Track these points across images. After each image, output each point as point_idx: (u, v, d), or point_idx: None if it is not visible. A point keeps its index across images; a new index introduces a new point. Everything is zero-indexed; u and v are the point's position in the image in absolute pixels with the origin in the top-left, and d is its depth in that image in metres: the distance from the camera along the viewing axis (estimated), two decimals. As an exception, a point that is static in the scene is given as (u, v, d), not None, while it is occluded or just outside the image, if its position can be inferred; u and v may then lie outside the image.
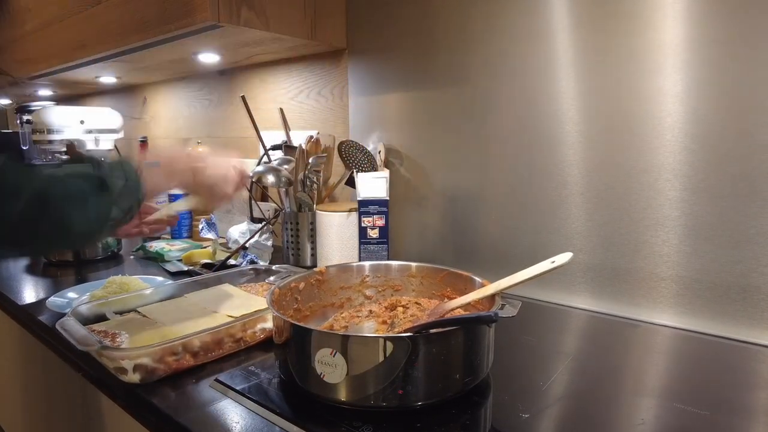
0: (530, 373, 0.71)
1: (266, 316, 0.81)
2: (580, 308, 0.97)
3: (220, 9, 1.04)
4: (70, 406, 0.91)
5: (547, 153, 0.99)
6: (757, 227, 0.79)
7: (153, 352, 0.68)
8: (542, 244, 1.01)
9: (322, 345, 0.58)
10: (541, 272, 0.60)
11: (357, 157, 1.19)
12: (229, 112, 1.79)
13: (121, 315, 0.87)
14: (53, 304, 1.00)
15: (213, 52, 1.44)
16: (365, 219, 1.08)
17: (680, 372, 0.73)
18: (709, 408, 0.61)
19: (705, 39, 0.80)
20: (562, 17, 0.94)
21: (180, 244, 1.43)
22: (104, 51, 1.40)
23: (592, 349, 0.82)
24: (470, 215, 1.12)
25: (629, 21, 0.86)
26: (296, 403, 0.62)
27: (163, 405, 0.63)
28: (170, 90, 2.07)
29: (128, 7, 1.26)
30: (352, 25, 1.30)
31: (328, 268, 0.86)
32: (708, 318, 0.84)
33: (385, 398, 0.57)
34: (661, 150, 0.86)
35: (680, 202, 0.85)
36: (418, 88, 1.18)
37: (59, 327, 0.74)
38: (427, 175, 1.19)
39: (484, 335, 0.63)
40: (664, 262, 0.87)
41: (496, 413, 0.62)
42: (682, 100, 0.83)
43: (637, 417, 0.60)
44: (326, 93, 1.42)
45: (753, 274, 0.80)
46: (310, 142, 1.30)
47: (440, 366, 0.59)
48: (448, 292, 0.82)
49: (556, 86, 0.96)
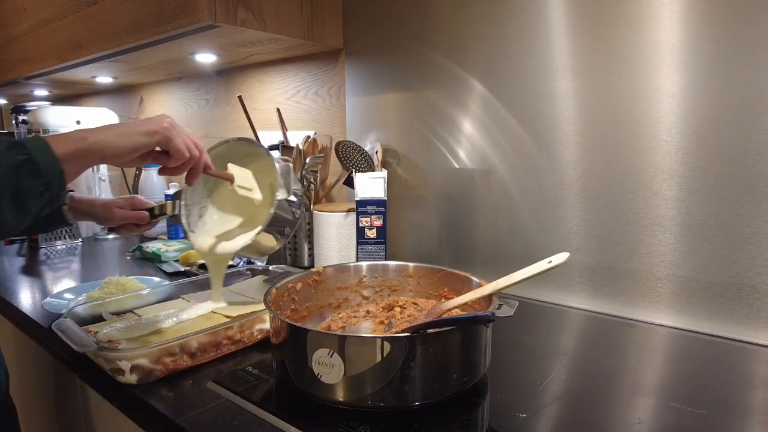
0: (527, 372, 0.71)
1: (263, 317, 0.81)
2: (577, 308, 0.97)
3: (216, 9, 1.04)
4: (67, 408, 0.90)
5: (545, 153, 0.99)
6: (753, 227, 0.79)
7: (150, 353, 0.68)
8: (539, 244, 1.01)
9: (320, 345, 0.58)
10: (538, 272, 0.60)
11: (354, 158, 1.19)
12: (226, 112, 1.79)
13: (118, 315, 0.87)
14: (49, 305, 1.00)
15: (210, 52, 1.44)
16: (363, 219, 1.08)
17: (677, 371, 0.74)
18: (706, 407, 0.61)
19: (701, 39, 0.80)
20: (559, 18, 0.94)
21: (177, 245, 1.43)
22: (100, 51, 1.40)
23: (589, 349, 0.82)
24: (467, 215, 1.12)
25: (626, 22, 0.87)
26: (293, 404, 0.62)
27: (160, 406, 0.63)
28: (167, 90, 2.06)
29: (124, 7, 1.26)
30: (349, 25, 1.30)
31: (326, 268, 0.86)
32: (704, 317, 0.85)
33: (383, 398, 0.57)
34: (658, 150, 0.86)
35: (677, 202, 0.85)
36: (416, 88, 1.18)
37: (56, 328, 0.74)
38: (425, 175, 1.19)
39: (481, 335, 0.63)
40: (661, 262, 0.88)
41: (493, 413, 0.62)
42: (679, 100, 0.83)
43: (633, 416, 0.60)
44: (323, 93, 1.42)
45: (749, 273, 0.80)
46: (308, 142, 1.30)
47: (438, 366, 0.59)
48: (446, 292, 0.82)
49: (553, 86, 0.96)
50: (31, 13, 1.68)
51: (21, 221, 0.57)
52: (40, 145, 0.57)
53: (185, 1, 1.07)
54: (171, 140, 0.67)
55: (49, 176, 0.57)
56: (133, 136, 0.65)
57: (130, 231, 0.96)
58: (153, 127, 0.66)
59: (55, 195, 0.59)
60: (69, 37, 1.50)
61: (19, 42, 1.81)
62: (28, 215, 0.58)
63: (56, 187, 0.58)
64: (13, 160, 0.55)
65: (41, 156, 0.56)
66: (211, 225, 0.89)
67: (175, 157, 0.69)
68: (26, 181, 0.55)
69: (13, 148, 0.55)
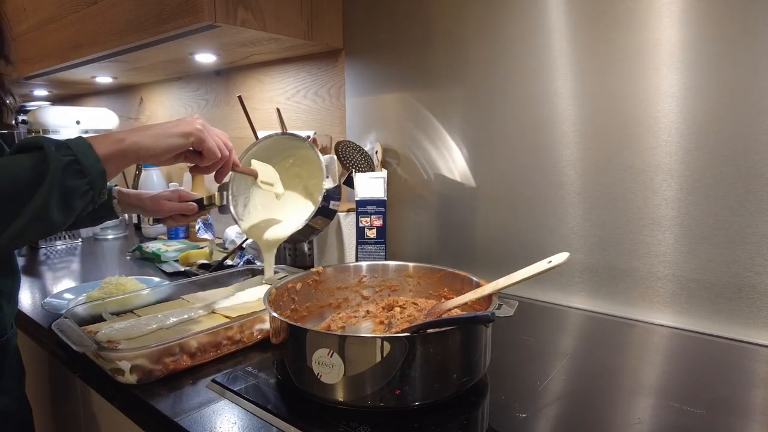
0: (527, 372, 0.71)
1: (263, 317, 0.81)
2: (577, 308, 0.97)
3: (216, 9, 1.04)
4: (67, 408, 0.90)
5: (544, 153, 0.99)
6: (752, 227, 0.79)
7: (150, 353, 0.68)
8: (539, 244, 1.01)
9: (320, 345, 0.58)
10: (538, 272, 0.60)
11: (354, 158, 1.19)
12: (225, 112, 1.79)
13: (118, 315, 0.87)
14: (49, 305, 0.99)
15: (210, 52, 1.44)
16: (363, 219, 1.08)
17: (677, 371, 0.74)
18: (706, 407, 0.61)
19: (701, 39, 0.80)
20: (558, 17, 0.94)
21: (177, 245, 1.43)
22: (100, 51, 1.40)
23: (589, 349, 0.82)
24: (467, 215, 1.12)
25: (625, 21, 0.87)
26: (293, 404, 0.62)
27: (160, 406, 0.63)
28: (167, 90, 2.06)
29: (124, 7, 1.26)
30: (349, 25, 1.30)
31: (326, 268, 0.86)
32: (704, 317, 0.85)
33: (383, 398, 0.57)
34: (658, 150, 0.86)
35: (676, 202, 0.85)
36: (415, 88, 1.18)
37: (55, 328, 0.74)
38: (425, 175, 1.19)
39: (481, 335, 0.63)
40: (661, 262, 0.88)
41: (493, 413, 0.62)
42: (678, 100, 0.83)
43: (633, 416, 0.60)
44: (323, 93, 1.42)
45: (749, 273, 0.80)
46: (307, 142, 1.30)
47: (437, 366, 0.59)
48: (446, 292, 0.82)
49: (552, 86, 0.96)
50: (31, 13, 1.68)
51: (66, 220, 0.59)
52: (84, 146, 0.59)
53: (185, 1, 1.07)
54: (204, 141, 0.70)
55: (93, 176, 0.59)
56: (169, 138, 0.67)
57: (178, 222, 1.02)
58: (187, 128, 0.69)
59: (98, 194, 0.61)
60: (69, 37, 1.50)
61: (19, 42, 1.80)
62: (72, 214, 0.59)
63: (99, 186, 0.60)
64: (61, 162, 0.56)
65: (85, 157, 0.58)
66: (255, 214, 0.97)
67: (208, 156, 0.72)
68: (73, 181, 0.57)
69: (60, 149, 0.57)
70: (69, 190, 0.57)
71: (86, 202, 0.60)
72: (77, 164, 0.57)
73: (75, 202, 0.58)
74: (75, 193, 0.58)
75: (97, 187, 0.60)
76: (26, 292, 1.11)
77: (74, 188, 0.57)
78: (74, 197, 0.58)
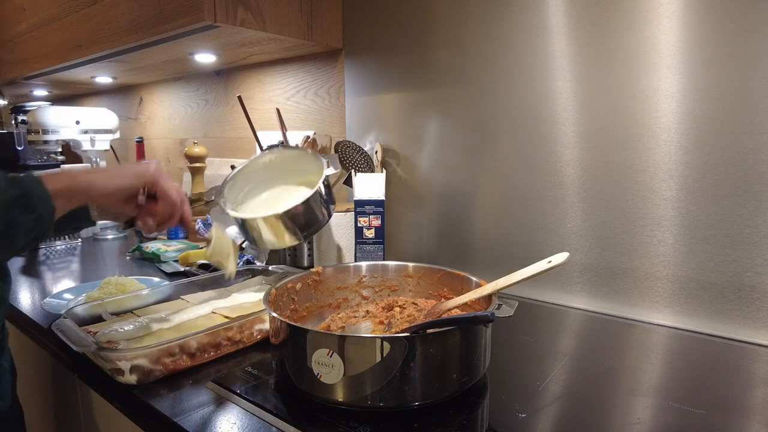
0: (527, 372, 0.71)
1: (263, 317, 0.81)
2: (576, 308, 0.97)
3: (216, 9, 1.04)
4: (67, 408, 0.90)
5: (544, 153, 0.99)
6: (752, 227, 0.79)
7: (150, 353, 0.68)
8: (539, 244, 1.01)
9: (319, 345, 0.58)
10: (538, 272, 0.60)
11: (354, 158, 1.19)
12: (225, 112, 1.79)
13: (117, 316, 0.87)
14: (49, 305, 0.99)
15: (209, 52, 1.44)
16: (361, 219, 1.08)
17: (676, 371, 0.74)
18: (705, 407, 0.61)
19: (701, 39, 0.80)
20: (558, 17, 0.94)
21: (176, 245, 1.42)
22: (100, 51, 1.40)
23: (589, 349, 0.82)
24: (467, 215, 1.12)
25: (625, 21, 0.87)
26: (293, 404, 0.62)
27: (159, 406, 0.63)
28: (166, 90, 2.06)
29: (124, 7, 1.26)
30: (349, 25, 1.30)
31: (325, 268, 0.86)
32: (704, 317, 0.85)
33: (383, 398, 0.57)
34: (657, 150, 0.86)
35: (676, 202, 0.85)
36: (415, 88, 1.18)
37: (55, 328, 0.74)
38: (424, 175, 1.19)
39: (480, 335, 0.63)
40: (660, 262, 0.88)
41: (493, 413, 0.62)
42: (678, 100, 0.83)
43: (633, 416, 0.60)
44: (323, 93, 1.42)
45: (748, 273, 0.80)
46: (307, 142, 1.30)
47: (437, 366, 0.59)
48: (445, 292, 0.82)
49: (552, 86, 0.96)
50: (31, 13, 1.68)
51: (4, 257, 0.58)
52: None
53: (185, 1, 1.07)
54: (158, 181, 0.68)
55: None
56: (121, 177, 0.66)
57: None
58: (141, 169, 0.68)
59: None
60: (69, 37, 1.50)
61: (19, 42, 1.81)
62: (12, 250, 0.58)
63: (45, 223, 0.58)
64: (9, 196, 0.55)
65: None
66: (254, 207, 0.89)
67: (163, 199, 0.69)
68: (19, 217, 0.56)
69: (10, 184, 0.56)
70: (12, 226, 0.55)
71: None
72: (24, 199, 0.56)
73: (17, 238, 0.56)
74: (18, 229, 0.56)
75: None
76: (26, 293, 1.11)
77: (19, 224, 0.55)
78: (17, 233, 0.56)
